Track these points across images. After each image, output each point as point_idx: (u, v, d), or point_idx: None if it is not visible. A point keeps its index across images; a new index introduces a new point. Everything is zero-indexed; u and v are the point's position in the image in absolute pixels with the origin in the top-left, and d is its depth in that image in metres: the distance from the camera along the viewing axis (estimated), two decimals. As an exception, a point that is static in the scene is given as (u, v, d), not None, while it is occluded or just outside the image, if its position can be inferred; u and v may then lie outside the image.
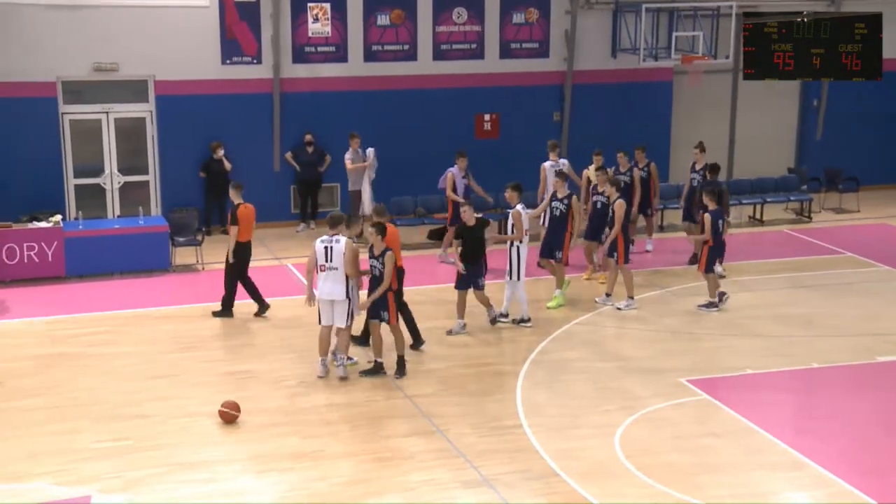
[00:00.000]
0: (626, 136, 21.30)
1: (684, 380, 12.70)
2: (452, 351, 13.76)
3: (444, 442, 10.98)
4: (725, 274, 16.93)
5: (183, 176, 19.90)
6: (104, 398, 12.12)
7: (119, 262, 16.99)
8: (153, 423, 11.44)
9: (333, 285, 12.51)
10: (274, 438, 11.08)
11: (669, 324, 14.90)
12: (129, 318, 15.05)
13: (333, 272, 12.48)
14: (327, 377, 12.72)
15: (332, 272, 12.49)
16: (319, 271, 12.59)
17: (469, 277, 14.07)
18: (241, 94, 20.03)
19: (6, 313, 15.29)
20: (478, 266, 14.06)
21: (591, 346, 13.98)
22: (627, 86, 22.00)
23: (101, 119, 19.60)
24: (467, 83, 21.19)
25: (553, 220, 15.68)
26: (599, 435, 11.13)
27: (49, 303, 15.73)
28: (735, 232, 20.32)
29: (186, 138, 19.77)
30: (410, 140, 20.79)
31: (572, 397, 12.20)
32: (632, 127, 21.67)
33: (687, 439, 11.05)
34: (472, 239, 14.04)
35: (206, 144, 19.79)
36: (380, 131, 20.18)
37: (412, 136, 20.86)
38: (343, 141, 19.68)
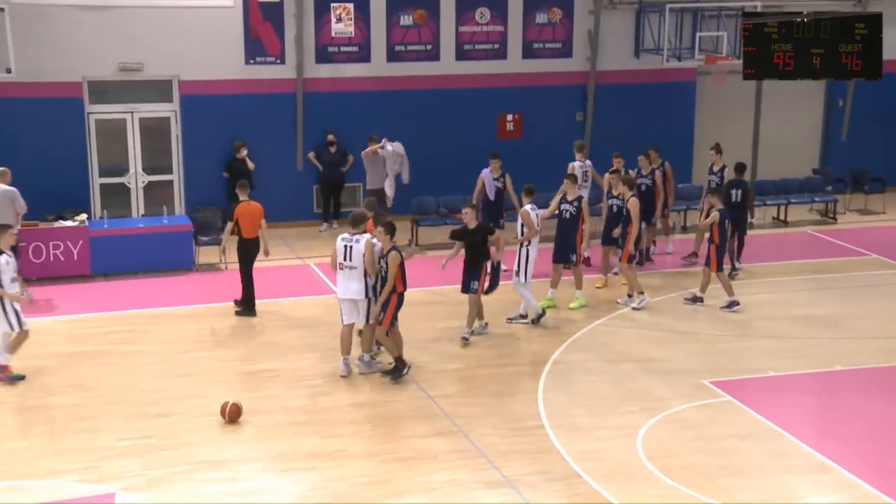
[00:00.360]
0: (649, 136, 21.20)
1: (707, 381, 12.63)
2: (474, 352, 13.73)
3: (466, 442, 10.95)
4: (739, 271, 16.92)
5: (206, 175, 19.97)
6: (127, 396, 12.17)
7: (143, 261, 17.06)
8: (176, 421, 11.47)
9: (352, 284, 12.55)
10: (295, 438, 11.08)
11: (692, 325, 14.82)
12: (153, 317, 15.11)
13: (352, 271, 12.52)
14: (349, 376, 12.71)
15: (350, 271, 12.54)
16: (338, 269, 12.63)
17: (465, 281, 13.80)
18: (264, 93, 20.08)
19: (32, 311, 15.37)
20: (476, 271, 13.68)
21: (613, 348, 13.91)
22: (651, 86, 21.91)
23: (125, 119, 19.69)
24: (490, 83, 21.15)
25: (563, 222, 15.42)
26: (621, 436, 11.07)
27: (74, 301, 15.81)
28: (759, 233, 20.21)
29: (210, 138, 19.83)
30: (433, 140, 20.77)
31: (594, 398, 12.15)
32: (655, 127, 21.58)
33: (710, 441, 10.98)
34: (471, 243, 13.72)
35: (230, 144, 19.84)
36: (402, 131, 20.15)
37: (434, 137, 20.84)
38: (365, 140, 19.68)
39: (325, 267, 17.74)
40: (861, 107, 23.32)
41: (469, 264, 13.81)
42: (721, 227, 15.33)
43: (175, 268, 17.21)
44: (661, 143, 18.53)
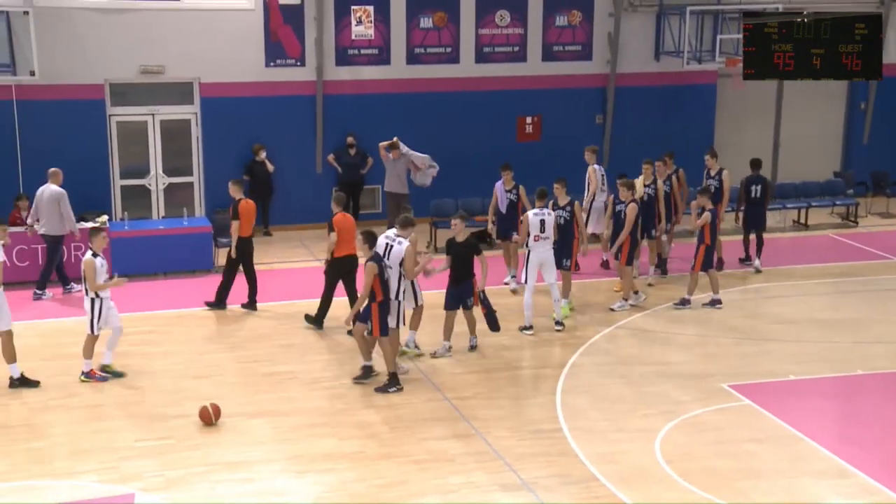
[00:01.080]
0: (669, 139, 21.13)
1: (726, 385, 12.56)
2: (491, 354, 13.70)
3: (484, 445, 10.93)
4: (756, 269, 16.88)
5: (226, 177, 19.76)
6: (147, 397, 12.21)
7: (163, 263, 17.12)
8: (194, 422, 11.49)
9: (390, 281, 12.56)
10: (312, 439, 11.09)
11: (710, 329, 14.74)
12: (173, 318, 15.15)
13: (388, 270, 12.52)
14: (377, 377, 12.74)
15: (386, 270, 12.56)
16: None
17: (457, 296, 13.30)
18: (284, 96, 20.12)
19: (53, 312, 15.45)
20: (466, 284, 13.24)
21: (631, 351, 13.86)
22: (671, 89, 21.83)
23: (146, 121, 19.77)
24: (509, 86, 21.12)
25: (557, 228, 14.86)
26: (640, 439, 11.02)
27: (94, 302, 15.85)
28: (779, 236, 20.10)
29: (230, 140, 19.88)
30: (452, 142, 20.75)
31: (612, 401, 12.10)
32: (675, 130, 21.49)
33: (729, 444, 10.92)
34: (460, 255, 13.25)
35: (250, 146, 19.89)
36: (421, 133, 20.16)
37: (453, 139, 20.82)
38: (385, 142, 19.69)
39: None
40: (883, 109, 23.16)
41: (453, 279, 13.30)
42: (712, 227, 15.34)
43: (195, 269, 17.25)
44: (680, 146, 18.44)
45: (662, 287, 16.61)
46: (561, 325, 14.56)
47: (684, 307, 15.48)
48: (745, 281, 17.14)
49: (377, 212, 20.90)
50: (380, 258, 12.32)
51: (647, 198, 16.44)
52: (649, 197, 16.49)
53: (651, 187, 16.59)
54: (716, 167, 17.56)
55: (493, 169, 17.78)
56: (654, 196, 16.58)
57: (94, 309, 12.59)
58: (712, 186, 17.21)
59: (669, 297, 16.01)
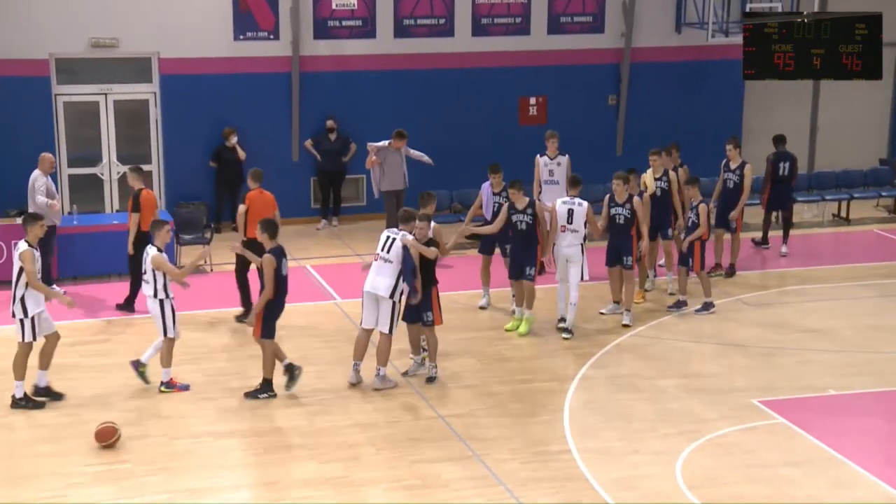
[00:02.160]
0: (690, 122, 21.18)
1: (757, 400, 12.59)
2: (491, 365, 13.72)
3: (482, 468, 10.94)
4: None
5: (190, 166, 20.01)
6: (100, 415, 12.16)
7: (118, 263, 17.00)
8: (154, 444, 11.48)
9: (381, 279, 12.75)
10: (289, 462, 11.09)
11: (740, 336, 14.78)
12: (129, 326, 15.14)
13: (386, 265, 12.74)
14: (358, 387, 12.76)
15: (384, 264, 12.76)
16: (373, 260, 12.90)
17: (416, 308, 12.97)
18: (255, 73, 20.11)
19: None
20: (426, 296, 12.90)
21: (650, 361, 13.88)
22: (693, 65, 21.85)
23: (98, 101, 19.74)
24: (511, 62, 21.14)
25: (518, 235, 14.65)
26: (659, 462, 11.04)
27: (39, 307, 15.83)
28: (818, 231, 20.16)
29: (194, 123, 19.87)
30: (446, 127, 20.76)
31: (628, 419, 12.12)
32: (698, 113, 21.53)
33: (760, 469, 10.94)
34: (421, 261, 12.88)
35: (217, 130, 19.89)
36: (411, 117, 20.17)
37: (448, 123, 20.83)
38: (370, 126, 19.67)
39: (323, 269, 17.78)
40: (935, 89, 23.21)
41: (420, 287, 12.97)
42: (708, 219, 15.60)
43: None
44: (704, 132, 18.48)
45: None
46: (569, 332, 14.58)
47: (708, 311, 15.54)
48: (780, 282, 17.19)
49: (361, 205, 20.94)
50: (281, 252, 12.48)
51: (661, 192, 16.39)
52: (662, 191, 16.42)
53: (663, 180, 16.49)
54: (737, 160, 17.37)
55: (492, 157, 17.78)
56: (668, 190, 16.53)
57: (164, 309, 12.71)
58: (730, 182, 17.11)
59: (691, 303, 16.04)
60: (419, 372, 13.32)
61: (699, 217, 15.48)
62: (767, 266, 18.12)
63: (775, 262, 18.31)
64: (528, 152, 17.85)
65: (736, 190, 17.24)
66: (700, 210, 15.47)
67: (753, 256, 18.51)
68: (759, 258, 18.46)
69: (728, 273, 17.29)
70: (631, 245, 15.18)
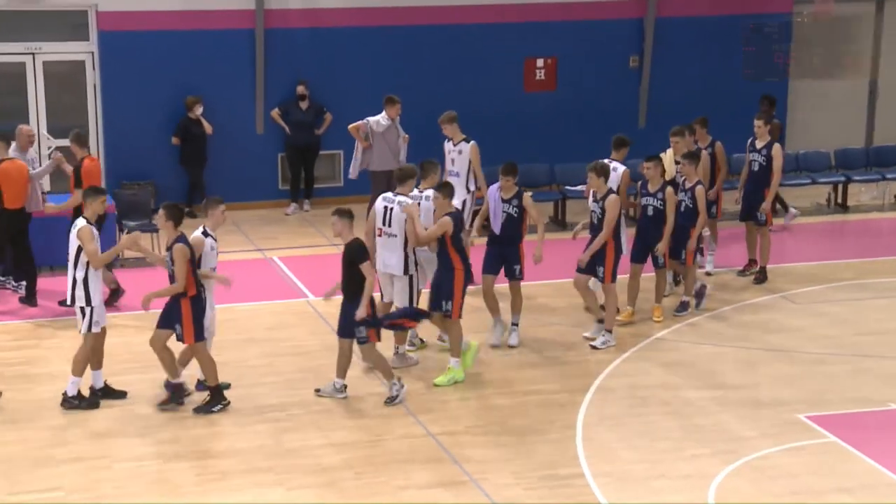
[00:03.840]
0: (727, 88, 21.21)
1: (803, 416, 12.63)
2: (491, 374, 13.76)
3: (480, 495, 10.98)
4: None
5: (135, 140, 20.02)
6: (25, 435, 12.19)
7: (48, 253, 17.01)
8: (91, 467, 11.47)
9: (391, 256, 13.47)
10: (252, 489, 11.10)
11: (783, 340, 14.83)
12: (61, 329, 15.14)
13: (391, 239, 13.40)
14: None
15: (389, 239, 13.41)
16: (377, 237, 13.53)
17: (347, 322, 12.77)
18: (212, 30, 20.14)
19: None
20: (355, 305, 12.63)
21: (678, 370, 13.93)
22: (730, 20, 21.89)
23: (24, 63, 19.75)
24: (515, 17, 21.18)
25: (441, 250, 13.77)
26: (688, 488, 11.08)
27: (-46, 307, 15.90)
28: (878, 217, 20.23)
29: (140, 90, 19.90)
30: (438, 94, 20.77)
31: (651, 438, 12.16)
32: (735, 78, 21.54)
33: (807, 495, 10.98)
34: (345, 265, 12.70)
35: (167, 98, 19.91)
36: (396, 81, 20.19)
37: (440, 89, 20.84)
38: (348, 92, 19.69)
39: (293, 261, 17.81)
40: None
41: (348, 297, 12.77)
42: (705, 205, 15.62)
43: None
44: (745, 97, 18.44)
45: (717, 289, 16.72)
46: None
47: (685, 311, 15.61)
48: (832, 275, 17.22)
49: (338, 185, 21.00)
50: (186, 239, 12.47)
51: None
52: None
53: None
54: (766, 137, 16.82)
55: (493, 130, 17.82)
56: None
57: None
58: (755, 164, 16.82)
59: (726, 300, 16.09)
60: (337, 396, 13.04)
61: (696, 202, 15.33)
62: (817, 256, 18.14)
63: (826, 252, 18.34)
64: (533, 124, 17.89)
65: (763, 173, 16.73)
66: (697, 194, 15.38)
67: (800, 244, 18.53)
68: (806, 246, 18.45)
69: (758, 279, 16.90)
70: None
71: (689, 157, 15.67)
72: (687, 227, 15.31)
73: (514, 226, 14.51)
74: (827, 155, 21.36)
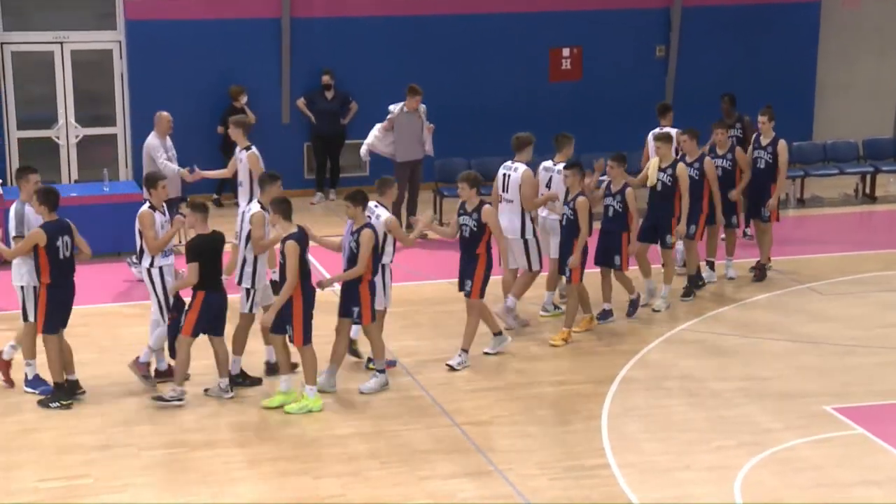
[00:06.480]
0: (754, 78, 21.15)
1: (830, 407, 12.61)
2: (516, 365, 13.77)
3: (505, 486, 11.00)
4: None
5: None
6: (54, 423, 12.26)
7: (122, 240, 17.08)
8: (119, 455, 11.55)
9: (511, 220, 14.33)
10: (278, 478, 11.14)
11: (810, 331, 14.80)
12: (92, 316, 15.20)
13: (508, 205, 14.40)
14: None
15: (507, 204, 14.41)
16: (498, 203, 14.39)
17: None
18: (239, 19, 20.17)
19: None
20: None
21: (703, 361, 13.92)
22: (758, 9, 21.83)
23: (53, 51, 19.81)
24: (540, 6, 21.14)
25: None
26: (714, 480, 11.08)
27: (-17, 295, 15.97)
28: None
29: (166, 78, 19.94)
30: (463, 84, 20.80)
31: (677, 429, 12.17)
32: (764, 66, 21.49)
33: (834, 488, 10.97)
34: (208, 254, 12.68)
35: (191, 85, 19.95)
36: (421, 71, 20.18)
37: (465, 79, 20.86)
38: (374, 82, 19.70)
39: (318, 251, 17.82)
40: None
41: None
42: None
43: (119, 251, 17.29)
44: (772, 88, 18.40)
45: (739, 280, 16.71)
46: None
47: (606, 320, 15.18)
48: (859, 266, 17.17)
49: (364, 175, 20.94)
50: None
51: (722, 172, 16.34)
52: (724, 171, 16.39)
53: (727, 159, 16.46)
54: (770, 134, 16.58)
55: (516, 119, 17.81)
56: (731, 170, 16.50)
57: None
58: (761, 161, 16.67)
59: (752, 291, 16.07)
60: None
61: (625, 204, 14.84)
62: (844, 247, 18.09)
63: (854, 243, 18.30)
64: (559, 114, 17.87)
65: (768, 171, 16.53)
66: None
67: (828, 235, 18.49)
68: (834, 237, 18.40)
69: (758, 276, 16.70)
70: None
71: (661, 138, 15.57)
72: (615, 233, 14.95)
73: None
74: (855, 145, 21.30)
